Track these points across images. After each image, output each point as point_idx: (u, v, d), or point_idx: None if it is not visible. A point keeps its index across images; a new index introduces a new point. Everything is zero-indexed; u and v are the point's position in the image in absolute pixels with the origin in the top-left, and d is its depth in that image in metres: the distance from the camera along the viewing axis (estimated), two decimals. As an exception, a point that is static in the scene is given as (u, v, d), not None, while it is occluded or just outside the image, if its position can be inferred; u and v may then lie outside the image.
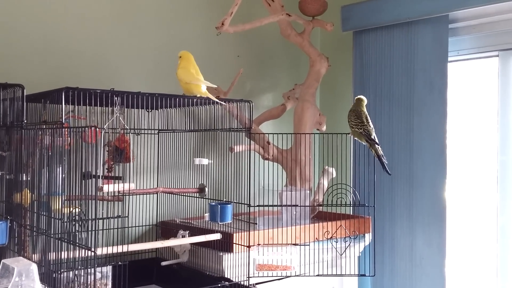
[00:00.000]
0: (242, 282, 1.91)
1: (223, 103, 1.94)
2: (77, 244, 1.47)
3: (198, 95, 1.87)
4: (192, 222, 2.19)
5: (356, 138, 2.00)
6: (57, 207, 1.53)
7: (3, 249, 1.68)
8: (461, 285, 2.49)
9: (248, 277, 1.91)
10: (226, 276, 1.96)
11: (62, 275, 1.50)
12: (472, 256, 2.49)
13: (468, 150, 2.51)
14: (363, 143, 1.98)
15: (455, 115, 2.44)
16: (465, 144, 2.51)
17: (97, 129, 1.46)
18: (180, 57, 1.94)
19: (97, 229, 1.45)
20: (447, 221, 2.32)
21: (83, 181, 1.52)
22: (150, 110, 2.17)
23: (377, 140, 1.94)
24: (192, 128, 2.22)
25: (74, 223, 1.48)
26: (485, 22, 2.32)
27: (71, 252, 1.49)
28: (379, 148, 1.95)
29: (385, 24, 2.46)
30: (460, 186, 2.49)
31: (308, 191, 2.26)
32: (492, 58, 2.39)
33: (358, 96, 2.04)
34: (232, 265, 1.98)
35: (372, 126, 1.97)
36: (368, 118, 1.98)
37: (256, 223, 2.13)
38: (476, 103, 2.49)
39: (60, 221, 1.50)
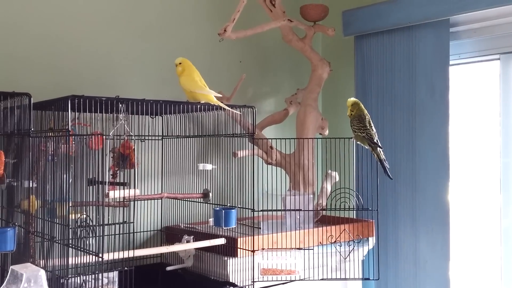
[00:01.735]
0: (246, 287, 1.92)
1: (237, 112, 1.96)
2: (84, 250, 1.48)
3: (203, 101, 1.89)
4: (197, 227, 2.20)
5: (359, 142, 2.01)
6: (64, 214, 1.55)
7: (11, 256, 1.69)
8: (465, 288, 2.49)
9: (253, 282, 1.92)
10: (230, 280, 1.97)
11: (69, 281, 1.52)
12: (476, 259, 2.49)
13: (471, 153, 2.52)
14: (366, 147, 1.99)
15: (457, 119, 2.45)
16: (468, 147, 2.52)
17: (103, 136, 1.47)
18: (180, 63, 1.94)
19: (103, 235, 1.47)
20: (451, 224, 2.32)
21: (89, 187, 1.53)
22: (154, 116, 2.18)
23: (379, 144, 1.95)
24: (196, 134, 2.23)
25: (81, 229, 1.49)
26: (486, 25, 2.33)
27: (78, 258, 1.51)
28: (382, 152, 1.96)
29: (387, 28, 2.48)
30: (463, 189, 2.50)
31: (312, 196, 2.27)
32: (493, 61, 2.40)
33: (355, 101, 2.03)
34: (236, 270, 1.99)
35: (375, 130, 1.98)
36: (371, 122, 1.99)
37: (260, 228, 2.14)
38: (478, 106, 2.50)
39: (66, 227, 1.52)
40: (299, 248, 1.97)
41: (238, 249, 1.96)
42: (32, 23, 2.07)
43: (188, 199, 2.14)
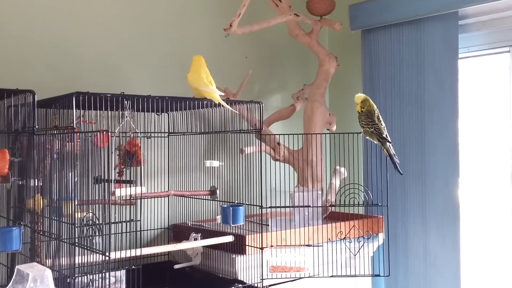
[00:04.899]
0: (255, 284, 1.90)
1: (236, 112, 1.94)
2: (91, 249, 1.47)
3: (209, 97, 1.87)
4: (204, 225, 2.18)
5: (367, 137, 1.98)
6: (70, 212, 1.53)
7: (17, 255, 1.68)
8: (476, 284, 2.46)
9: (262, 279, 1.90)
10: (239, 278, 1.95)
11: (76, 280, 1.50)
12: (487, 254, 2.46)
13: (481, 147, 2.48)
14: (375, 142, 1.96)
15: (467, 112, 2.42)
16: (478, 141, 2.49)
17: (109, 133, 1.45)
18: (192, 60, 1.93)
19: (110, 233, 1.45)
20: (461, 220, 2.29)
21: (95, 185, 1.52)
22: (159, 113, 2.16)
23: (389, 139, 1.92)
24: (202, 131, 2.21)
25: (87, 227, 1.48)
26: (495, 18, 2.30)
27: (85, 257, 1.49)
28: (391, 147, 1.93)
29: (394, 22, 2.45)
30: (473, 183, 2.47)
31: (320, 192, 2.24)
32: (503, 54, 2.36)
33: (365, 97, 1.99)
34: (245, 267, 1.97)
35: (383, 124, 1.95)
36: (380, 117, 1.97)
37: (268, 225, 2.12)
38: (487, 99, 2.47)
39: (73, 226, 1.50)
40: (308, 245, 1.95)
41: (246, 247, 1.94)
42: (36, 20, 2.06)
43: (195, 197, 2.12)
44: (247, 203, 1.99)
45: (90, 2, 2.19)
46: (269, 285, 1.94)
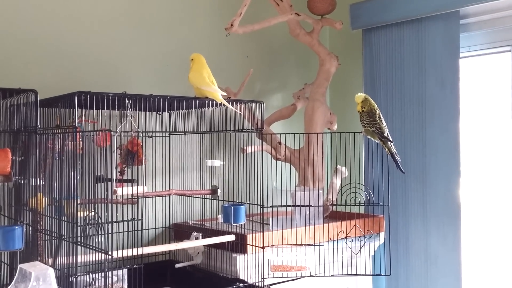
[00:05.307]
0: (256, 283, 1.90)
1: (239, 112, 1.94)
2: (93, 248, 1.47)
3: (211, 97, 1.87)
4: (205, 224, 2.18)
5: (369, 137, 1.98)
6: (72, 211, 1.53)
7: (19, 254, 1.68)
8: (477, 284, 2.46)
9: (263, 278, 1.90)
10: (240, 277, 1.96)
11: (78, 279, 1.51)
12: (488, 254, 2.47)
13: (482, 147, 2.49)
14: (377, 141, 1.97)
15: (468, 112, 2.42)
16: (479, 141, 2.49)
17: (111, 132, 1.46)
18: (192, 59, 1.93)
19: (112, 232, 1.45)
20: (462, 219, 2.29)
21: (97, 184, 1.52)
22: (161, 112, 2.16)
23: (390, 138, 1.92)
24: (204, 130, 2.21)
25: (90, 226, 1.48)
26: (496, 17, 2.30)
27: (87, 256, 1.50)
28: (393, 146, 1.93)
29: (395, 21, 2.45)
30: (474, 183, 2.47)
31: (321, 191, 2.25)
32: (504, 53, 2.36)
33: (365, 96, 1.99)
34: (246, 266, 1.97)
35: (385, 124, 1.95)
36: (381, 116, 1.97)
37: (269, 224, 2.12)
38: (488, 99, 2.47)
39: (75, 225, 1.50)
40: (309, 244, 1.95)
41: (248, 246, 1.94)
42: (38, 20, 2.06)
43: (197, 196, 2.13)
44: (248, 202, 1.99)
45: (92, 2, 2.19)
46: (270, 284, 1.94)
